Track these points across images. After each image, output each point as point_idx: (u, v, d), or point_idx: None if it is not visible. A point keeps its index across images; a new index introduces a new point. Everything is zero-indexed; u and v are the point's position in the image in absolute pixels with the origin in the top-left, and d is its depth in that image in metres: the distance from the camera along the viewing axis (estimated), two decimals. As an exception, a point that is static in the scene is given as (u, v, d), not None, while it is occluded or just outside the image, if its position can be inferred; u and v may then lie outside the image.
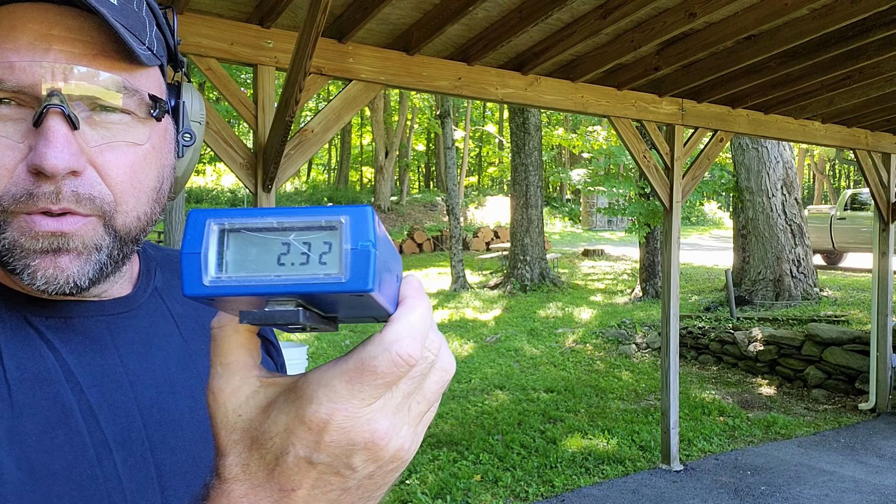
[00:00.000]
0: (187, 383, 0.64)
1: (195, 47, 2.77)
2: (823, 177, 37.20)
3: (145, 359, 0.62)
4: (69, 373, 0.56)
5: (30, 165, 0.49)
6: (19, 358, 0.54)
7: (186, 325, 0.68)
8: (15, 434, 0.51)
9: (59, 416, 0.54)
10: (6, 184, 0.50)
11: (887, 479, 4.54)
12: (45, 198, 0.50)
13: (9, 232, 0.51)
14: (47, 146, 0.48)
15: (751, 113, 4.71)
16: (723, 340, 7.94)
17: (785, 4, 3.02)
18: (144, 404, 0.59)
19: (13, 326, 0.55)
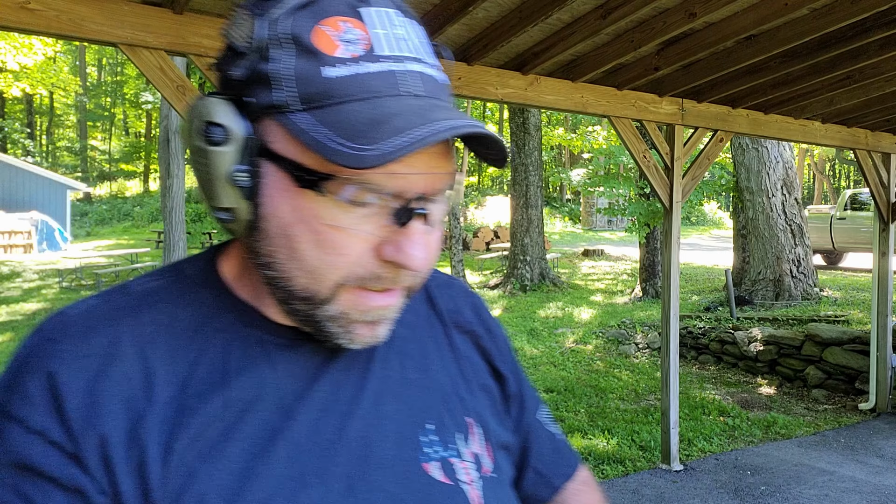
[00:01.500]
0: (396, 416, 0.62)
1: (195, 47, 2.77)
2: (823, 177, 37.19)
3: (359, 387, 0.62)
4: (283, 398, 0.58)
5: (390, 258, 0.53)
6: (243, 382, 0.57)
7: (406, 350, 0.68)
8: (222, 460, 0.54)
9: (265, 443, 0.56)
10: (353, 267, 0.53)
11: (887, 479, 4.54)
12: (388, 281, 0.55)
13: (339, 304, 0.55)
14: (412, 247, 0.53)
15: (751, 113, 4.71)
16: (723, 340, 7.94)
17: (785, 4, 3.02)
18: (350, 437, 0.59)
19: (244, 348, 0.58)
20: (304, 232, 0.52)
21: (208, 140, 0.52)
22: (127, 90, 33.03)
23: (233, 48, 0.53)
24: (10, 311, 10.70)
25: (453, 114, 0.50)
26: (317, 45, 0.50)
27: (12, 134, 31.50)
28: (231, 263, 0.63)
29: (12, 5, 2.42)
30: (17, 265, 15.38)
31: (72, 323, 0.55)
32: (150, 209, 26.02)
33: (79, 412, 0.51)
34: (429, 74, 0.53)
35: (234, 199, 0.53)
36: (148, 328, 0.56)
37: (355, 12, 0.52)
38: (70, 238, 21.03)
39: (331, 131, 0.48)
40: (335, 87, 0.50)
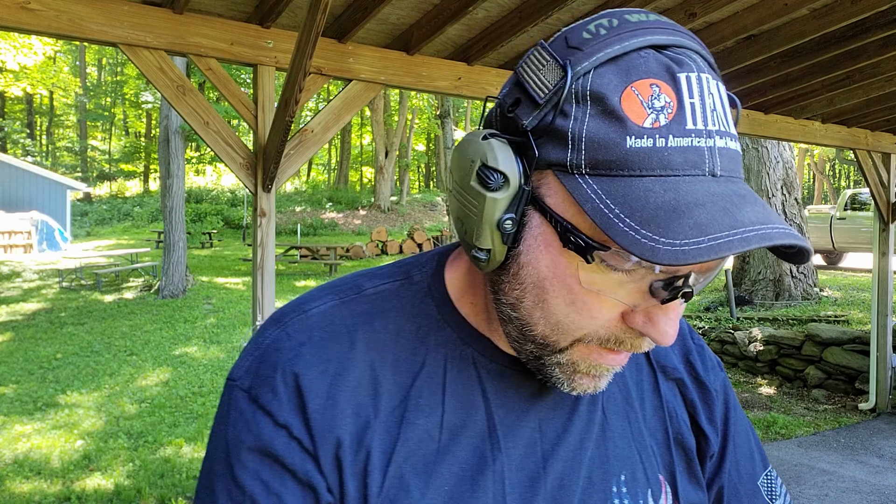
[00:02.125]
0: (592, 463, 0.62)
1: (195, 47, 2.77)
2: (823, 177, 37.19)
3: (564, 428, 0.61)
4: (493, 427, 0.58)
5: (639, 328, 0.51)
6: (457, 402, 0.58)
7: (610, 393, 0.66)
8: (434, 479, 0.55)
9: (474, 470, 0.56)
10: (598, 329, 0.52)
11: (887, 479, 4.54)
12: (626, 345, 0.53)
13: (571, 354, 0.54)
14: (668, 324, 0.50)
15: (751, 113, 4.71)
16: (723, 340, 7.94)
17: (785, 4, 3.02)
18: (549, 478, 0.59)
19: (460, 366, 0.59)
20: (559, 288, 0.51)
21: (484, 184, 0.50)
22: (127, 90, 33.03)
23: (528, 93, 0.50)
24: (10, 311, 10.70)
25: (758, 210, 0.45)
26: (625, 110, 0.46)
27: (12, 134, 31.50)
28: (456, 277, 0.62)
29: (12, 5, 2.42)
30: (17, 265, 15.38)
31: (315, 326, 0.58)
32: (150, 209, 26.03)
33: (319, 414, 0.54)
34: (731, 150, 0.48)
35: (494, 242, 0.52)
36: (380, 335, 0.58)
37: (671, 76, 0.47)
38: (70, 238, 21.03)
39: (620, 208, 0.45)
40: (633, 158, 0.46)
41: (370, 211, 26.73)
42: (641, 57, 0.48)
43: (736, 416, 0.74)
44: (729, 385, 0.75)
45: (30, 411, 6.19)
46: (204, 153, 22.94)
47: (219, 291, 12.45)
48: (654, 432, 0.67)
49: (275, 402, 0.54)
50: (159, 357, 8.23)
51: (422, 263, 0.65)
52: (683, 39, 0.50)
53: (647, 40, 0.48)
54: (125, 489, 4.45)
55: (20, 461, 4.95)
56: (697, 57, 0.50)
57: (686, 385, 0.71)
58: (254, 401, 0.55)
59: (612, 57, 0.48)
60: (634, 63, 0.48)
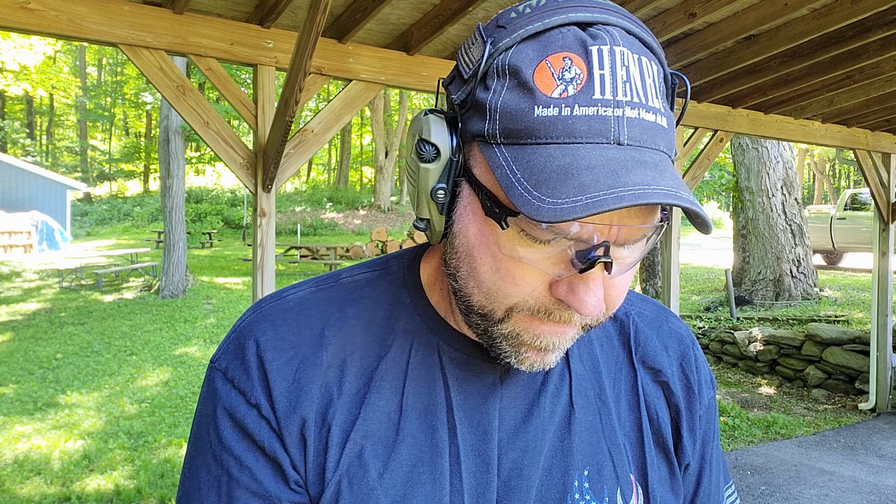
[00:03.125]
0: (553, 454, 0.62)
1: (195, 47, 2.77)
2: (823, 177, 37.19)
3: (524, 419, 0.62)
4: (450, 412, 0.60)
5: (564, 299, 0.52)
6: (418, 387, 0.60)
7: (582, 388, 0.66)
8: (392, 460, 0.58)
9: (431, 453, 0.59)
10: (525, 298, 0.53)
11: (887, 479, 4.54)
12: (558, 318, 0.54)
13: (511, 325, 0.55)
14: (587, 294, 0.51)
15: (751, 113, 4.70)
16: (723, 340, 7.94)
17: (785, 4, 3.02)
18: (504, 465, 0.60)
19: (425, 353, 0.61)
20: (485, 255, 0.53)
21: (419, 155, 0.54)
22: (127, 90, 33.01)
23: (458, 70, 0.54)
24: (10, 311, 10.69)
25: (649, 174, 0.47)
26: (536, 82, 0.49)
27: (12, 134, 31.50)
28: (429, 267, 0.65)
29: (12, 5, 2.42)
30: (17, 265, 15.38)
31: (290, 311, 0.61)
32: (150, 209, 26.02)
33: (284, 397, 0.57)
34: (646, 121, 0.49)
35: (432, 212, 0.56)
36: (351, 321, 0.61)
37: (584, 49, 0.49)
38: (70, 238, 21.03)
39: (521, 172, 0.48)
40: (540, 126, 0.48)
41: (370, 211, 26.73)
42: (561, 33, 0.50)
43: (714, 438, 0.74)
44: (715, 406, 0.75)
45: (30, 411, 6.19)
46: (204, 153, 22.92)
47: (219, 291, 12.45)
48: (629, 431, 0.67)
49: (248, 382, 0.58)
50: (159, 357, 8.23)
51: (400, 256, 0.68)
52: (609, 16, 0.51)
53: (568, 17, 0.51)
54: (125, 489, 4.45)
55: (20, 461, 4.95)
56: (620, 32, 0.51)
57: (672, 389, 0.70)
58: (230, 381, 0.58)
59: (532, 34, 0.50)
60: (553, 38, 0.50)
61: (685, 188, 0.49)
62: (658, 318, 0.74)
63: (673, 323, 0.74)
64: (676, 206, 0.47)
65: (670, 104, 0.55)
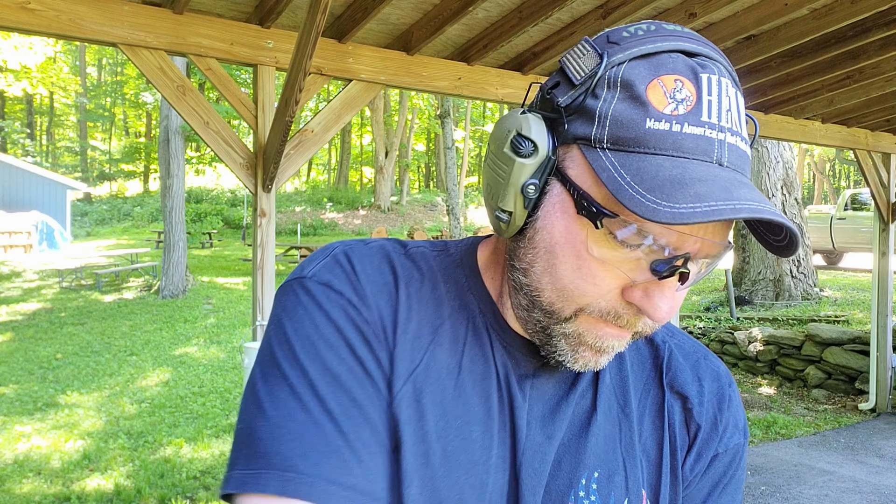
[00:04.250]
0: (567, 450, 0.64)
1: (195, 47, 2.77)
2: (823, 177, 37.19)
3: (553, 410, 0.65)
4: (499, 384, 0.63)
5: (636, 303, 0.55)
6: (474, 353, 0.64)
7: (606, 402, 0.68)
8: (448, 412, 0.60)
9: (483, 414, 0.62)
10: (599, 299, 0.56)
11: (887, 479, 4.54)
12: (625, 324, 0.57)
13: (575, 325, 0.58)
14: (662, 300, 0.54)
15: (751, 113, 4.70)
16: (723, 340, 7.94)
17: (785, 4, 3.02)
18: (529, 447, 0.63)
19: (476, 329, 0.65)
20: (568, 254, 0.56)
21: (516, 150, 0.57)
22: (127, 90, 33.01)
23: (567, 76, 0.56)
24: (10, 311, 10.70)
25: (754, 194, 0.51)
26: (649, 96, 0.52)
27: (12, 134, 31.49)
28: (485, 254, 0.69)
29: (12, 5, 2.42)
30: (17, 265, 15.38)
31: (373, 252, 0.65)
32: (150, 209, 26.02)
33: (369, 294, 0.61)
34: (740, 149, 0.54)
35: (516, 206, 0.58)
36: (416, 282, 0.65)
37: (694, 75, 0.53)
38: (70, 238, 21.02)
39: (631, 177, 0.51)
40: (650, 137, 0.52)
41: (370, 211, 26.73)
42: (671, 58, 0.54)
43: (729, 488, 0.72)
44: (742, 456, 0.73)
45: (30, 411, 6.19)
46: (204, 153, 22.92)
47: (219, 291, 12.45)
48: (648, 449, 0.68)
49: (349, 289, 0.61)
50: (159, 357, 8.23)
51: (459, 242, 0.72)
52: (711, 51, 0.57)
53: (678, 45, 0.55)
54: (125, 489, 4.45)
55: (20, 461, 4.95)
56: (721, 67, 0.56)
57: (696, 419, 0.71)
58: (331, 289, 0.61)
59: (644, 53, 0.54)
60: (664, 61, 0.54)
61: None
62: (696, 353, 0.75)
63: (712, 361, 0.76)
64: (775, 225, 0.51)
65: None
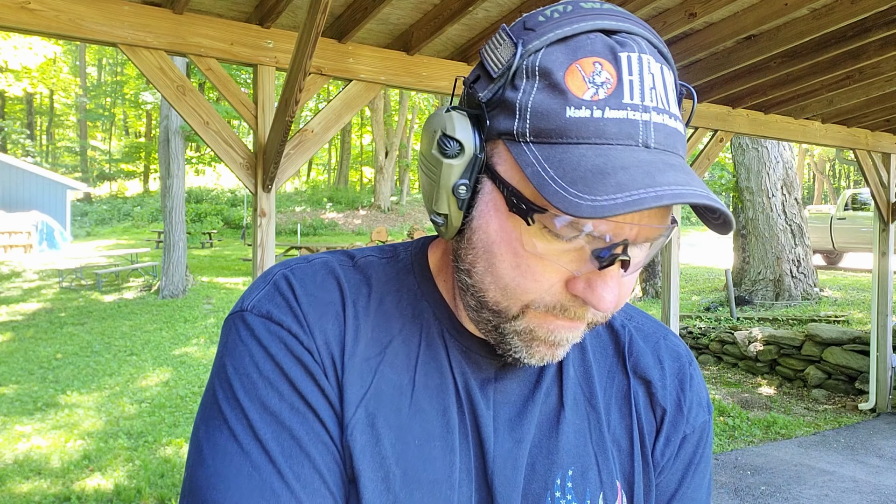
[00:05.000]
0: (536, 451, 0.64)
1: (195, 47, 2.77)
2: (823, 177, 37.19)
3: (519, 412, 0.64)
4: (458, 395, 0.62)
5: (580, 295, 0.54)
6: (429, 367, 0.62)
7: (573, 391, 0.67)
8: (405, 432, 0.59)
9: (442, 429, 0.60)
10: (543, 294, 0.55)
11: (887, 479, 4.54)
12: (572, 313, 0.56)
13: (525, 322, 0.57)
14: (605, 290, 0.53)
15: (751, 113, 4.70)
16: (723, 340, 7.94)
17: (785, 4, 3.02)
18: (499, 453, 0.62)
19: (430, 336, 0.63)
20: (505, 252, 0.54)
21: (442, 151, 0.55)
22: (127, 90, 33.00)
23: (486, 69, 0.55)
24: (10, 312, 10.69)
25: (680, 176, 0.49)
26: (567, 84, 0.50)
27: (12, 134, 31.49)
28: (435, 257, 0.67)
29: (12, 5, 2.42)
30: (17, 265, 15.38)
31: (316, 271, 0.63)
32: (150, 209, 26.02)
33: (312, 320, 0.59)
34: (669, 126, 0.52)
35: (451, 207, 0.57)
36: (364, 297, 0.63)
37: (613, 56, 0.51)
38: (70, 238, 21.02)
39: (554, 171, 0.49)
40: (571, 127, 0.50)
41: (370, 211, 26.73)
42: (589, 39, 0.52)
43: (700, 466, 0.73)
44: (708, 432, 0.73)
45: (30, 411, 6.19)
46: (204, 153, 22.92)
47: (219, 291, 12.45)
48: (618, 439, 0.68)
49: (290, 318, 0.59)
50: (159, 357, 8.23)
51: (408, 245, 0.70)
52: (632, 26, 0.54)
53: (595, 24, 0.53)
54: (125, 489, 4.45)
55: (20, 461, 4.95)
56: (643, 41, 0.54)
57: (660, 402, 0.70)
58: (271, 320, 0.59)
59: (561, 38, 0.52)
60: (582, 43, 0.52)
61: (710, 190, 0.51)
62: (656, 334, 0.74)
63: (671, 340, 0.75)
64: (708, 206, 0.49)
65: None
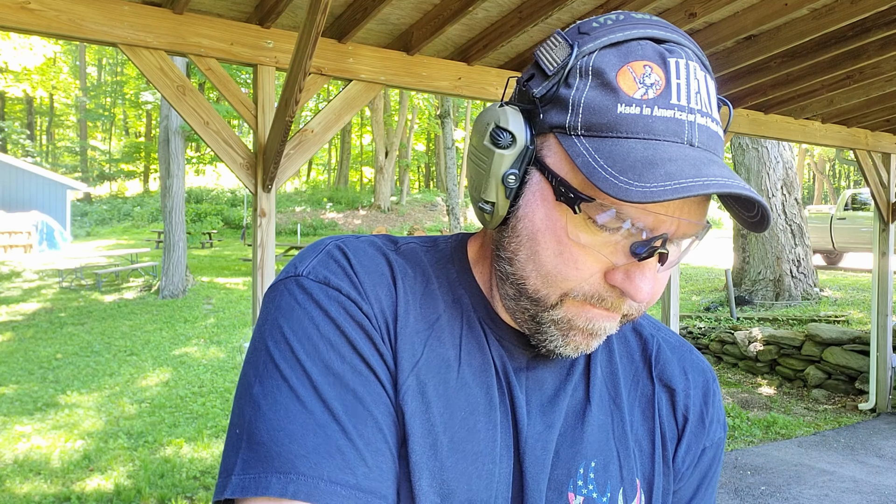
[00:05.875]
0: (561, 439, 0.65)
1: (195, 47, 2.77)
2: (823, 177, 37.19)
3: (550, 400, 0.66)
4: (498, 375, 0.65)
5: (618, 285, 0.56)
6: (471, 346, 0.65)
7: (598, 393, 0.69)
8: (452, 403, 0.61)
9: (486, 405, 0.63)
10: (582, 283, 0.57)
11: (887, 479, 4.54)
12: (608, 303, 0.58)
13: (564, 310, 0.59)
14: (642, 280, 0.55)
15: (751, 113, 4.70)
16: (723, 340, 7.94)
17: (785, 4, 3.02)
18: (531, 434, 0.64)
19: (470, 323, 0.66)
20: (550, 240, 0.57)
21: (495, 142, 0.58)
22: (127, 90, 32.98)
23: (540, 68, 0.58)
24: (10, 312, 10.69)
25: (724, 171, 0.52)
26: (619, 83, 0.54)
27: (12, 134, 31.49)
28: (475, 247, 0.70)
29: (12, 5, 2.42)
30: (17, 265, 15.38)
31: (366, 247, 0.66)
32: (150, 209, 26.02)
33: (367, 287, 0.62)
34: (711, 129, 0.56)
35: (499, 196, 0.59)
36: (409, 278, 0.66)
37: (662, 60, 0.55)
38: (70, 238, 21.02)
39: (604, 160, 0.52)
40: (622, 122, 0.53)
41: (370, 211, 26.73)
42: (640, 45, 0.56)
43: (713, 481, 0.76)
44: (722, 448, 0.76)
45: (30, 411, 6.19)
46: (204, 153, 22.93)
47: (219, 291, 12.45)
48: (640, 440, 0.70)
49: (348, 284, 0.61)
50: (159, 357, 8.23)
51: (448, 238, 0.73)
52: (679, 38, 0.59)
53: (646, 32, 0.57)
54: (125, 489, 4.45)
55: (20, 461, 4.95)
56: (689, 51, 0.58)
57: (684, 412, 0.72)
58: (328, 285, 0.61)
59: (614, 42, 0.56)
60: (633, 48, 0.56)
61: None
62: (682, 348, 0.77)
63: (697, 355, 0.78)
64: (748, 200, 0.52)
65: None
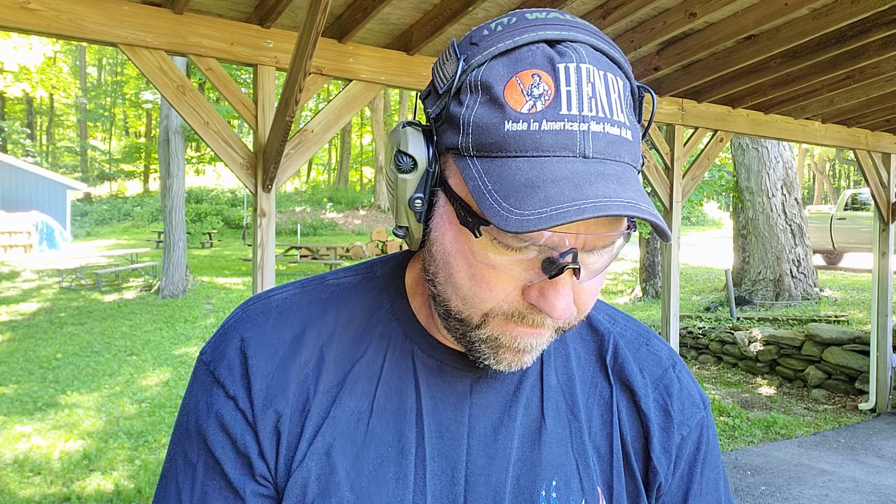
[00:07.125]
0: (522, 463, 0.64)
1: (195, 47, 2.77)
2: (823, 177, 37.19)
3: (494, 427, 0.64)
4: (420, 416, 0.63)
5: (536, 303, 0.55)
6: (390, 390, 0.63)
7: (554, 400, 0.67)
8: (359, 459, 0.60)
9: (397, 454, 0.61)
10: (500, 303, 0.56)
11: (887, 479, 4.54)
12: (532, 322, 0.57)
13: (488, 330, 0.58)
14: (557, 298, 0.54)
15: (751, 113, 4.70)
16: (723, 340, 7.94)
17: (785, 4, 3.02)
18: (472, 470, 0.62)
19: (399, 358, 0.64)
20: (460, 262, 0.56)
21: (397, 166, 0.57)
22: (127, 90, 32.97)
23: (434, 85, 0.57)
24: (9, 311, 10.69)
25: (611, 186, 0.49)
26: (506, 97, 0.51)
27: (12, 134, 31.48)
28: (413, 272, 0.68)
29: (12, 5, 2.42)
30: (17, 265, 15.38)
31: (273, 310, 0.65)
32: (150, 209, 26.01)
33: (262, 392, 0.61)
34: (611, 134, 0.52)
35: (410, 221, 0.59)
36: (330, 325, 0.64)
37: (552, 67, 0.52)
38: (70, 238, 21.02)
39: (492, 185, 0.50)
40: (510, 141, 0.51)
41: (370, 211, 26.73)
42: (530, 50, 0.53)
43: (708, 460, 0.73)
44: (708, 426, 0.73)
45: (30, 411, 6.19)
46: (204, 153, 22.93)
47: (219, 291, 12.45)
48: (598, 445, 0.68)
49: (229, 376, 0.61)
50: (159, 357, 8.23)
51: (386, 261, 0.71)
52: (577, 34, 0.54)
53: (538, 35, 0.53)
54: (125, 489, 4.45)
55: (20, 461, 4.95)
56: (588, 49, 0.54)
57: (644, 410, 0.70)
58: (212, 373, 0.62)
59: (503, 51, 0.53)
60: (523, 56, 0.52)
61: (646, 199, 0.51)
62: (638, 340, 0.74)
63: (653, 344, 0.75)
64: (634, 217, 0.49)
65: (638, 116, 0.58)
